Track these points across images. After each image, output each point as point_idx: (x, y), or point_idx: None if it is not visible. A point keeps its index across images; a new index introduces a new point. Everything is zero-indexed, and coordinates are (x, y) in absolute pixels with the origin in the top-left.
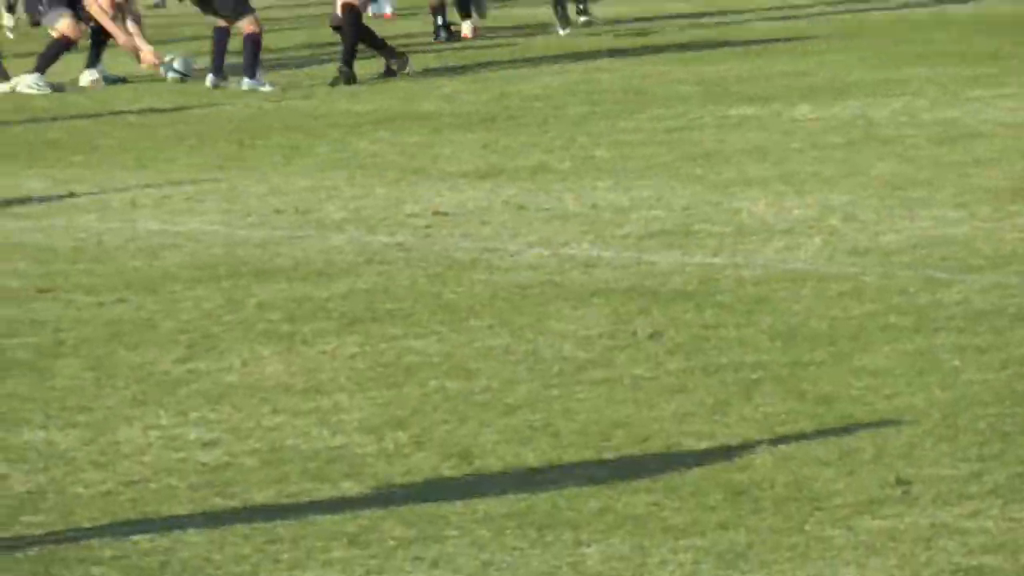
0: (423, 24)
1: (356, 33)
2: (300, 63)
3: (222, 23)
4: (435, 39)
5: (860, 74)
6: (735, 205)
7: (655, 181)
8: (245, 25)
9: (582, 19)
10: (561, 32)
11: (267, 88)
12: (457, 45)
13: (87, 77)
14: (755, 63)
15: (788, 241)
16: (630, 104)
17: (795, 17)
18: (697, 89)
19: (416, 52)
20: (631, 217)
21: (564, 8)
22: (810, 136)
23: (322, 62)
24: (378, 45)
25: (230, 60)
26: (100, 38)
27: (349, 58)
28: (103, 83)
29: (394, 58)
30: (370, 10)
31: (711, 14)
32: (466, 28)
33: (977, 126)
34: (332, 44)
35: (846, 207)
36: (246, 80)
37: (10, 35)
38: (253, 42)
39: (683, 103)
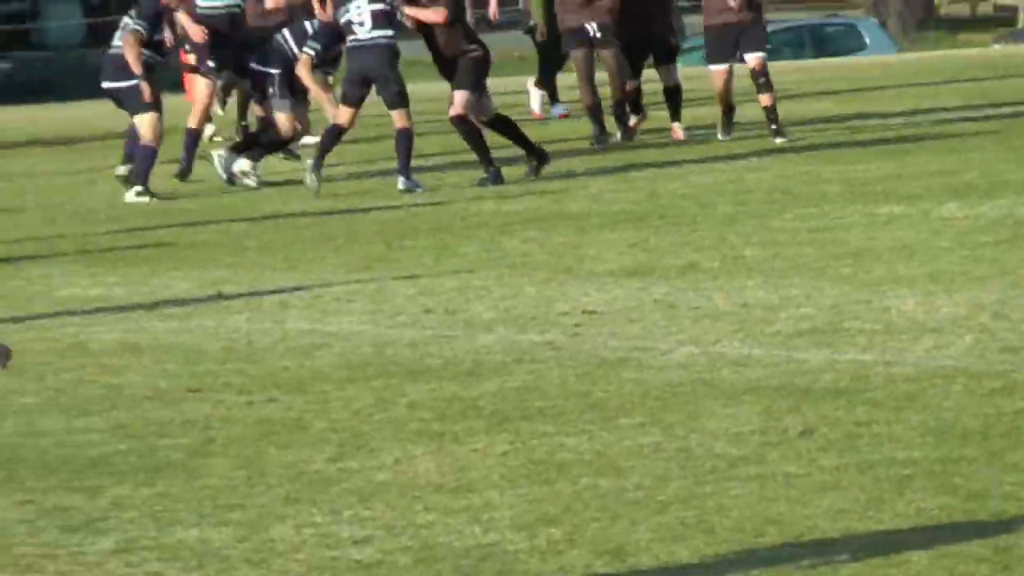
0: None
1: (475, 137)
2: (446, 164)
3: (342, 120)
4: (595, 144)
5: (1008, 173)
6: (884, 303)
7: (804, 279)
8: (398, 118)
9: (778, 140)
10: (720, 137)
11: (421, 190)
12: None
13: (242, 166)
14: (901, 162)
15: (938, 339)
16: (777, 203)
17: (942, 119)
18: (843, 188)
19: (569, 154)
20: (780, 315)
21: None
22: (959, 235)
23: (472, 164)
24: (520, 142)
25: (337, 168)
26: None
27: (487, 160)
28: (254, 177)
29: (533, 155)
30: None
31: (857, 116)
32: (678, 130)
33: None
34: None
35: (996, 305)
36: (401, 180)
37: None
38: (407, 137)
39: (829, 202)
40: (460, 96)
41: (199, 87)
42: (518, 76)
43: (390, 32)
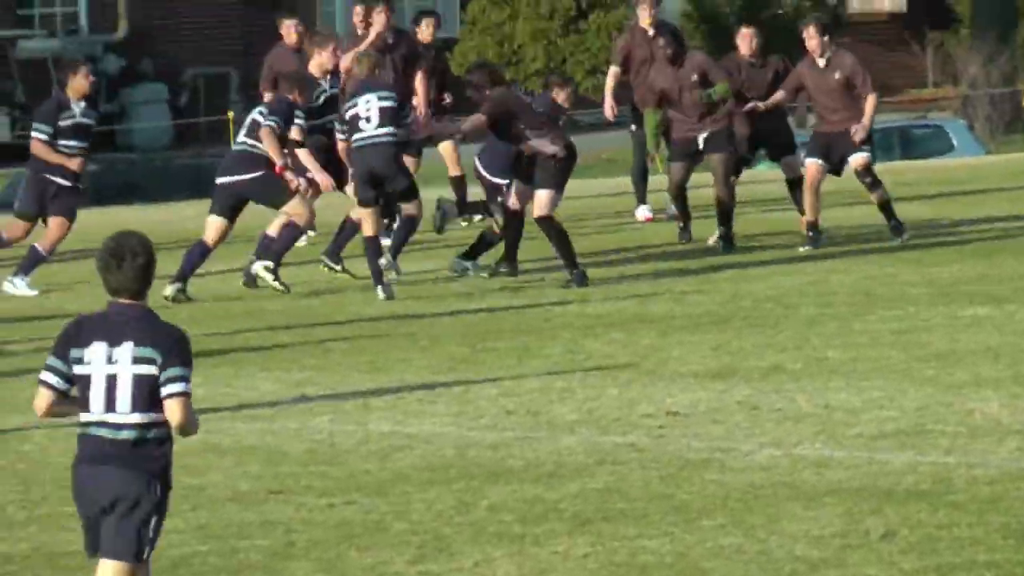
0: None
1: (561, 238)
2: (533, 267)
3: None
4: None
5: None
6: (968, 405)
7: (886, 381)
8: (407, 208)
9: (897, 239)
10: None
11: (398, 276)
12: (689, 247)
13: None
14: (987, 264)
15: (1021, 441)
16: (860, 305)
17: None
18: (927, 290)
19: (653, 256)
20: (863, 417)
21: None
22: None
23: (556, 266)
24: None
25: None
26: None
27: (571, 261)
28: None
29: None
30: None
31: (944, 218)
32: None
33: None
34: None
35: None
36: (386, 258)
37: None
38: (411, 223)
39: (913, 304)
40: (543, 196)
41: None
42: (604, 177)
43: (394, 129)
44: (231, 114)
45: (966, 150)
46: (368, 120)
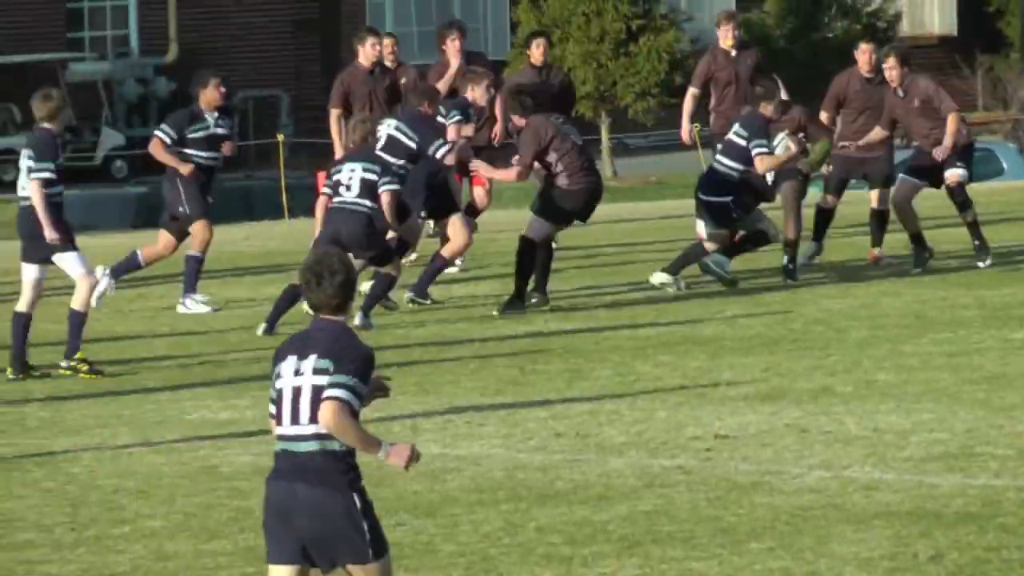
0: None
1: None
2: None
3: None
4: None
5: None
6: (1018, 428)
7: (936, 404)
8: (387, 269)
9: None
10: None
11: (371, 329)
12: (737, 266)
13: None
14: None
15: None
16: (911, 328)
17: None
18: (979, 313)
19: (703, 280)
20: (912, 440)
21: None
22: None
23: (607, 290)
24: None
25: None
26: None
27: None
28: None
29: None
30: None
31: (994, 241)
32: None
33: None
34: (607, 268)
35: None
36: (359, 316)
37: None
38: (386, 282)
39: (964, 327)
40: (529, 220)
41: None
42: (657, 200)
43: (370, 203)
44: (281, 137)
45: (1016, 173)
46: (348, 188)
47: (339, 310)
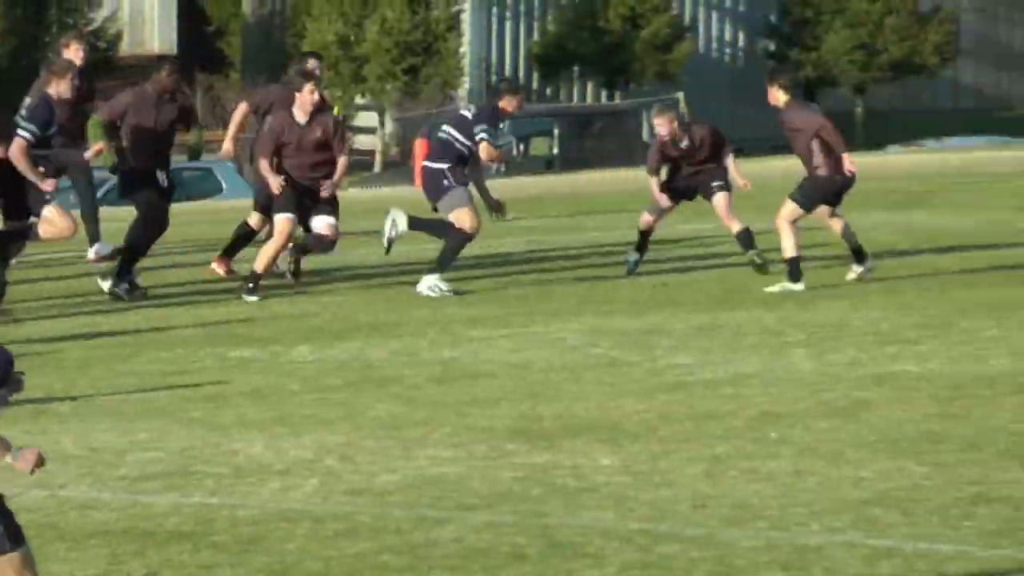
0: None
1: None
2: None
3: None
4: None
5: (362, 316)
6: (233, 447)
7: (154, 422)
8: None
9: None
10: None
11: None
12: None
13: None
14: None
15: (284, 481)
16: (128, 347)
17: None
18: (197, 331)
19: None
20: (128, 459)
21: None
22: (308, 378)
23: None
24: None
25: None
26: None
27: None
28: None
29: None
30: None
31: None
32: None
33: (477, 366)
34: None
35: (343, 448)
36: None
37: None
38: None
39: (182, 346)
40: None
41: None
42: None
43: None
44: None
45: (233, 192)
46: None
47: None
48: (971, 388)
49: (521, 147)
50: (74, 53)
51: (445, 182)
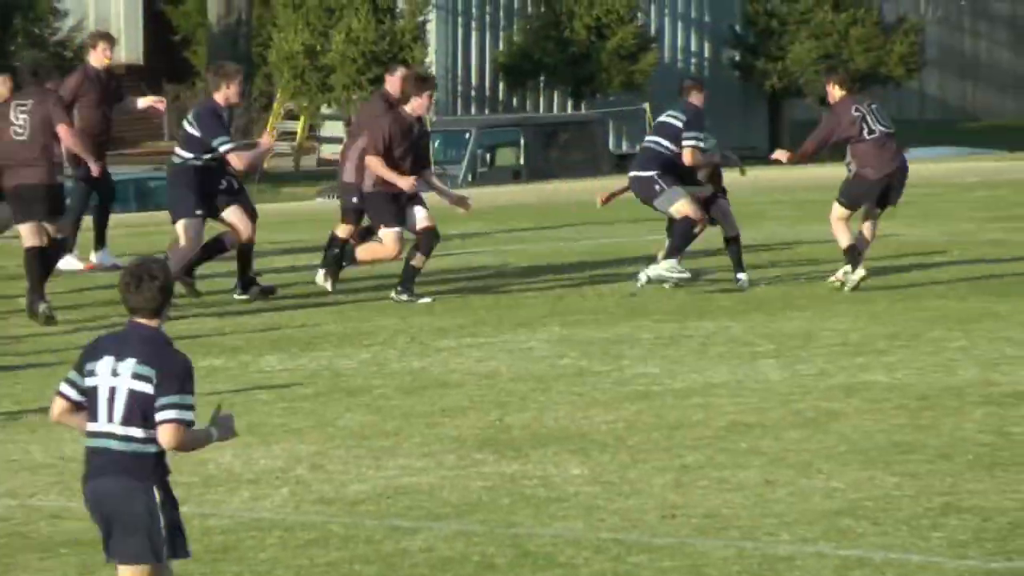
0: None
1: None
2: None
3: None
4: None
5: (329, 326)
6: (203, 456)
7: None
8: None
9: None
10: None
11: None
12: None
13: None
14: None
15: (255, 491)
16: None
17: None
18: None
19: None
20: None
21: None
22: (278, 388)
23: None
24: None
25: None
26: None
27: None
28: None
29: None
30: None
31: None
32: None
33: (446, 376)
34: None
35: (313, 457)
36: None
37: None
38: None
39: None
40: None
41: None
42: None
43: None
44: None
45: None
46: None
47: (155, 315)
48: (940, 399)
49: (487, 157)
50: (101, 53)
51: (657, 187)
